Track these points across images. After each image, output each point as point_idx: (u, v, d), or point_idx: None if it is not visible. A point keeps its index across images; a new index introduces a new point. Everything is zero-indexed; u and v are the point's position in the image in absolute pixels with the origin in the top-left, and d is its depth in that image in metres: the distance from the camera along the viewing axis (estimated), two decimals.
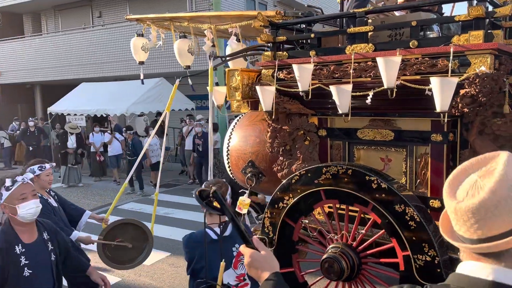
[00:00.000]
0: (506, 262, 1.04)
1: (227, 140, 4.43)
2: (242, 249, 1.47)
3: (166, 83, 13.82)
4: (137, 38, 4.72)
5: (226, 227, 2.74)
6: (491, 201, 1.01)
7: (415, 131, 3.19)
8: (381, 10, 3.34)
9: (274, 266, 1.41)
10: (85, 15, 17.81)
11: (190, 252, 2.67)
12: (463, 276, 1.09)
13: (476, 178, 1.07)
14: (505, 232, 1.02)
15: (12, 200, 2.60)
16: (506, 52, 2.78)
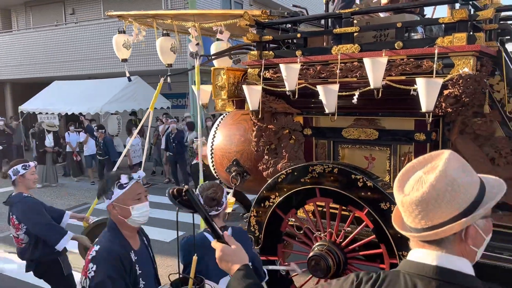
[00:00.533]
0: (447, 248, 1.17)
1: (211, 139, 4.42)
2: (213, 244, 1.55)
3: (141, 81, 13.65)
4: (119, 35, 4.65)
5: (225, 230, 2.72)
6: (431, 195, 1.14)
7: (399, 130, 3.26)
8: (367, 11, 3.40)
9: (244, 258, 1.52)
10: (57, 12, 17.39)
11: (187, 255, 2.63)
12: (411, 262, 1.21)
13: (421, 174, 1.19)
14: (444, 222, 1.14)
15: (126, 201, 2.22)
16: (487, 54, 2.88)
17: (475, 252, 1.20)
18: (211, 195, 2.68)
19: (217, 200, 2.70)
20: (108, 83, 13.62)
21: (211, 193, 2.69)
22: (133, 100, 13.16)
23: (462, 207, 1.14)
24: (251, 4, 17.81)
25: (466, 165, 1.21)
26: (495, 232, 3.04)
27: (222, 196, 2.72)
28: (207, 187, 2.75)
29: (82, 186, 11.68)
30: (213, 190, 2.69)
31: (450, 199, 1.14)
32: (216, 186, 2.75)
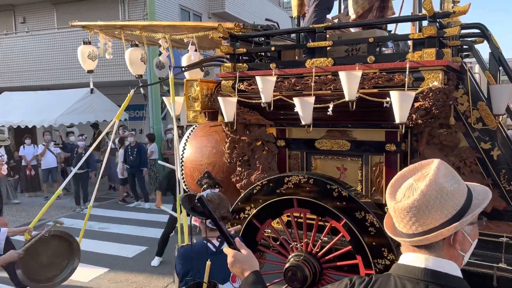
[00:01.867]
0: (436, 252, 1.23)
1: (180, 151, 4.36)
2: (225, 250, 1.61)
3: (97, 92, 13.29)
4: (84, 46, 4.52)
5: (223, 241, 2.62)
6: (422, 202, 1.20)
7: (370, 141, 3.37)
8: (339, 26, 3.52)
9: (254, 265, 1.58)
10: (7, 21, 16.65)
11: (185, 264, 2.57)
12: (402, 265, 1.28)
13: (412, 182, 1.25)
14: (434, 227, 1.20)
15: None
16: (453, 69, 3.05)
17: (462, 256, 1.26)
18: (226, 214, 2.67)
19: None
20: (62, 95, 13.16)
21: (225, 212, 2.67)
22: (90, 112, 12.78)
23: (451, 213, 1.20)
24: (209, 17, 17.90)
25: (455, 173, 1.27)
26: None
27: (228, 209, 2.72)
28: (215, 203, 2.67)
29: (35, 201, 11.16)
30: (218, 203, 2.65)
31: (440, 206, 1.20)
32: (221, 198, 2.72)
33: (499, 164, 3.12)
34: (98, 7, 15.04)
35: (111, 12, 14.78)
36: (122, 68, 12.74)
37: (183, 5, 16.36)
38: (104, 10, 14.93)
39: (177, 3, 15.98)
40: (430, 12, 2.79)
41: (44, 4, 15.87)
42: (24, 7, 16.28)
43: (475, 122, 3.18)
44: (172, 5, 15.64)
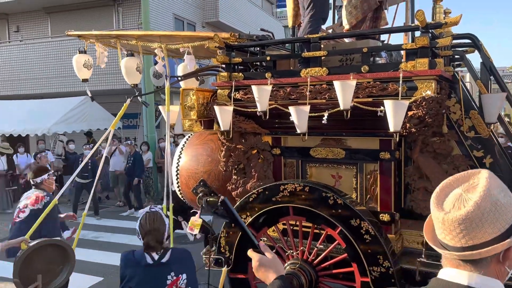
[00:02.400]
0: (483, 269, 1.17)
1: (176, 159, 4.38)
2: (250, 253, 1.58)
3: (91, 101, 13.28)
4: (79, 55, 4.54)
5: (164, 254, 2.68)
6: (476, 214, 1.14)
7: (365, 149, 3.41)
8: (333, 36, 3.57)
9: (280, 269, 1.54)
10: (0, 29, 16.64)
11: (123, 269, 2.63)
12: (443, 281, 1.22)
13: (461, 192, 1.19)
14: (486, 242, 1.14)
15: None
16: (446, 78, 3.10)
17: (507, 273, 1.20)
18: (152, 244, 2.64)
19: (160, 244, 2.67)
20: (56, 103, 13.14)
21: (152, 242, 2.63)
22: (83, 120, 12.75)
23: (504, 227, 1.14)
24: (203, 26, 18.00)
25: (504, 186, 1.21)
26: None
27: (164, 234, 2.68)
28: (145, 230, 2.66)
29: None
30: (153, 238, 2.63)
31: (493, 219, 1.14)
32: (156, 229, 2.66)
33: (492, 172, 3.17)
34: (92, 16, 15.09)
35: (105, 21, 14.83)
36: (116, 77, 12.76)
37: (177, 14, 16.45)
38: (98, 19, 14.98)
39: (171, 12, 16.07)
40: (422, 23, 2.84)
41: (38, 13, 15.89)
42: (18, 15, 16.29)
43: (468, 131, 3.24)
44: (166, 14, 15.73)
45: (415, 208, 3.36)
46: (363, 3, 3.76)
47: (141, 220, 2.70)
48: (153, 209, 2.76)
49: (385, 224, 3.29)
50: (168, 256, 2.68)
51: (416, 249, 3.40)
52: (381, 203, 3.36)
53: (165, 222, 2.70)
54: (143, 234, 2.65)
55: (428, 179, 3.31)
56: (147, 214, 2.72)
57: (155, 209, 2.77)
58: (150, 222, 2.66)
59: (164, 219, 2.71)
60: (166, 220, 2.74)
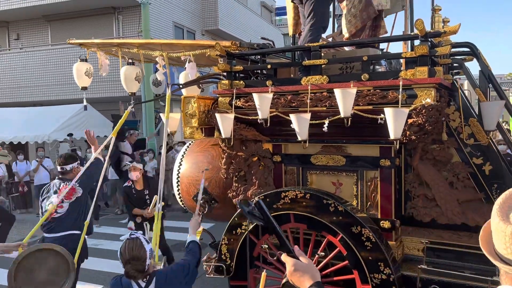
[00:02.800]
0: None
1: (177, 167, 4.40)
2: (284, 257, 1.55)
3: (91, 108, 13.30)
4: (80, 63, 4.58)
5: (150, 281, 2.68)
6: None
7: (365, 156, 3.43)
8: (334, 45, 3.61)
9: (316, 275, 1.50)
10: (1, 37, 16.70)
11: None
12: None
13: None
14: None
15: None
16: (445, 86, 3.13)
17: None
18: (132, 274, 2.62)
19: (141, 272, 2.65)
20: (55, 110, 13.17)
21: (131, 271, 2.62)
22: (83, 127, 12.75)
23: None
24: (203, 33, 18.09)
25: None
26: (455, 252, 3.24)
27: (145, 262, 2.64)
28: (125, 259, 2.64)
29: (26, 218, 11.05)
30: (133, 268, 2.61)
31: None
32: (136, 258, 2.63)
33: (491, 179, 3.20)
34: (92, 24, 15.16)
35: (105, 29, 14.90)
36: (115, 84, 12.80)
37: (177, 22, 16.54)
38: (98, 27, 15.05)
39: (171, 20, 16.16)
40: (422, 32, 2.88)
41: (38, 21, 15.97)
42: (18, 23, 16.36)
43: (467, 138, 3.26)
44: (166, 22, 15.81)
45: (415, 215, 3.38)
46: (363, 12, 3.80)
47: (121, 248, 2.68)
48: (133, 236, 2.73)
49: (385, 231, 3.30)
50: (153, 283, 2.67)
51: (417, 256, 3.41)
52: (382, 210, 3.37)
53: (145, 248, 2.65)
54: (124, 263, 2.64)
55: (428, 186, 3.33)
56: (127, 241, 2.68)
57: (135, 235, 2.73)
58: (129, 250, 2.62)
59: (144, 245, 2.65)
60: (147, 246, 2.68)
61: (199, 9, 17.98)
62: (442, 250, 3.36)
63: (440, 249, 3.37)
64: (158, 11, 15.06)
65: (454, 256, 3.33)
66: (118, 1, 14.36)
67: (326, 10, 4.00)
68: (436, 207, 3.31)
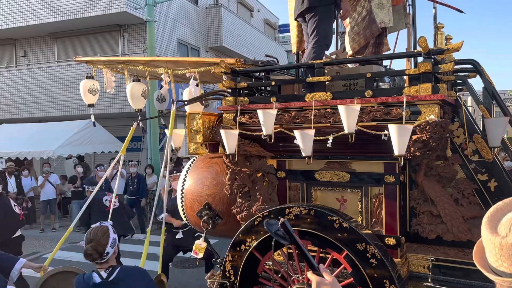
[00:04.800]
0: None
1: (181, 183, 4.40)
2: (309, 275, 1.58)
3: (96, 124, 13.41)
4: (86, 80, 4.63)
5: (112, 272, 2.78)
6: None
7: (370, 173, 3.43)
8: (337, 62, 3.64)
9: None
10: (8, 54, 16.94)
11: None
12: None
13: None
14: None
15: None
16: (448, 103, 3.15)
17: None
18: (89, 252, 2.74)
19: (99, 254, 2.75)
20: (61, 126, 13.28)
21: (89, 249, 2.74)
22: (88, 143, 12.86)
23: None
24: (207, 50, 18.28)
25: None
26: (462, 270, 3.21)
27: (105, 246, 2.77)
28: (88, 239, 2.78)
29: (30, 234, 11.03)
30: (92, 246, 2.73)
31: None
32: (97, 240, 2.76)
33: (497, 195, 3.18)
34: (98, 41, 15.38)
35: (111, 46, 15.10)
36: (121, 101, 12.92)
37: (182, 40, 16.73)
38: (104, 44, 15.26)
39: (176, 37, 16.36)
40: (425, 49, 2.91)
41: (44, 38, 16.21)
42: (25, 40, 16.62)
43: (472, 154, 3.26)
44: (171, 39, 16.01)
45: (420, 232, 3.36)
46: (366, 30, 3.85)
47: (87, 232, 2.86)
48: (103, 224, 2.93)
49: (391, 248, 3.28)
50: (115, 274, 2.77)
51: (423, 274, 3.38)
52: (387, 226, 3.35)
53: (109, 236, 2.82)
54: (86, 243, 2.79)
55: (433, 202, 3.31)
56: (94, 227, 2.88)
57: (104, 224, 2.93)
58: (94, 233, 2.81)
59: (109, 234, 2.83)
60: (112, 235, 2.84)
61: (203, 26, 18.21)
62: (448, 268, 3.33)
63: (446, 267, 3.33)
64: (163, 29, 15.27)
65: (460, 273, 3.29)
66: (123, 19, 14.58)
67: (329, 28, 4.04)
68: (441, 224, 3.29)
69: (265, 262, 3.52)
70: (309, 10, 3.98)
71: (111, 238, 2.82)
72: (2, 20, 15.39)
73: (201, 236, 4.22)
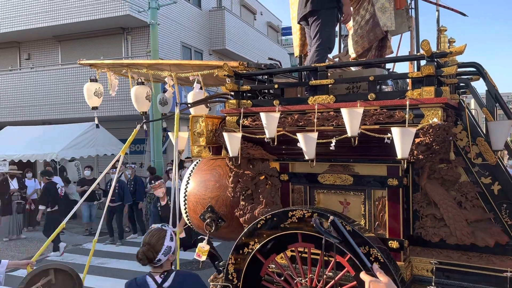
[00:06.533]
0: None
1: (184, 185, 4.41)
2: (362, 275, 1.57)
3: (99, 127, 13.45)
4: (90, 84, 4.65)
5: (167, 277, 2.69)
6: None
7: (373, 176, 3.42)
8: (340, 65, 3.64)
9: None
10: (12, 57, 17.02)
11: None
12: None
13: None
14: None
15: None
16: (451, 106, 3.15)
17: None
18: (140, 256, 2.67)
19: (148, 260, 2.67)
20: (63, 129, 13.33)
21: (141, 253, 2.67)
22: (91, 146, 12.89)
23: None
24: (210, 53, 18.31)
25: None
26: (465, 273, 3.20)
27: (157, 253, 2.68)
28: (145, 241, 2.71)
29: (34, 237, 11.07)
30: (143, 251, 2.66)
31: None
32: (151, 245, 2.68)
33: (500, 199, 3.17)
34: (102, 44, 15.44)
35: (114, 49, 15.16)
36: (124, 103, 12.96)
37: (185, 42, 16.78)
38: (108, 47, 15.31)
39: (179, 40, 16.40)
40: (428, 52, 2.91)
41: (48, 41, 16.29)
42: (29, 43, 16.70)
43: (475, 157, 3.25)
44: (174, 42, 16.05)
45: (424, 235, 3.35)
46: (369, 33, 3.85)
47: (147, 232, 2.79)
48: (164, 227, 2.81)
49: (394, 251, 3.27)
50: (171, 280, 2.68)
51: (426, 277, 3.37)
52: (390, 229, 3.35)
53: (163, 243, 2.69)
54: (142, 244, 2.71)
55: (436, 206, 3.31)
56: (153, 229, 2.78)
57: (165, 227, 2.81)
58: (150, 235, 2.72)
59: (164, 240, 2.70)
60: (167, 241, 2.71)
61: (206, 29, 18.26)
62: (451, 271, 3.32)
63: (449, 270, 3.32)
64: (167, 32, 15.31)
65: (464, 277, 3.28)
66: (127, 22, 14.63)
67: (332, 31, 4.05)
68: (444, 227, 3.28)
69: (268, 265, 3.52)
70: (312, 13, 3.99)
71: (165, 246, 2.69)
72: (6, 23, 15.48)
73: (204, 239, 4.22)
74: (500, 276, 3.09)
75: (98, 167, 15.39)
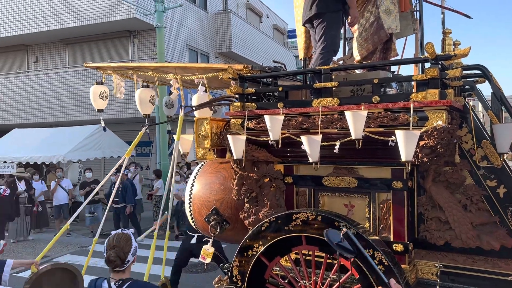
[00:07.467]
0: None
1: (189, 187, 4.42)
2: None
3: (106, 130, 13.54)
4: (96, 86, 4.69)
5: (123, 284, 2.73)
6: None
7: (377, 178, 3.42)
8: (345, 68, 3.65)
9: None
10: (20, 60, 17.18)
11: None
12: None
13: None
14: None
15: None
16: (456, 108, 3.13)
17: None
18: (112, 258, 2.70)
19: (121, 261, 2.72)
20: (70, 131, 13.42)
21: (112, 255, 2.70)
22: (98, 148, 12.96)
23: None
24: (216, 56, 18.38)
25: None
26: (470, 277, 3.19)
27: (127, 254, 2.74)
28: (110, 245, 2.75)
29: (42, 238, 11.13)
30: (115, 252, 2.70)
31: None
32: (120, 246, 2.73)
33: (506, 202, 3.16)
34: (109, 47, 15.54)
35: (121, 52, 15.25)
36: (130, 106, 13.02)
37: (191, 45, 16.84)
38: (114, 49, 15.41)
39: (185, 43, 16.47)
40: (432, 55, 2.90)
41: (56, 44, 16.42)
42: (37, 47, 16.85)
43: (480, 160, 3.24)
44: (181, 45, 16.12)
45: (428, 238, 3.34)
46: (374, 36, 3.85)
47: (109, 237, 2.83)
48: (124, 231, 2.90)
49: (398, 254, 3.26)
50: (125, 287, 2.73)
51: (431, 280, 3.36)
52: (394, 232, 3.34)
53: (131, 244, 2.79)
54: (108, 249, 2.76)
55: (441, 209, 3.29)
56: (116, 234, 2.84)
57: (126, 231, 2.90)
58: (117, 239, 2.78)
59: (131, 241, 2.80)
60: (134, 243, 2.82)
61: (212, 32, 18.32)
62: (456, 274, 3.30)
63: (454, 273, 3.31)
64: (173, 35, 15.39)
65: (469, 280, 3.26)
66: (133, 25, 14.72)
67: (337, 34, 4.05)
68: (449, 230, 3.26)
69: (272, 267, 3.52)
70: (317, 16, 4.00)
71: (133, 246, 2.81)
72: (14, 27, 15.63)
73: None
74: (505, 280, 3.07)
75: (104, 169, 15.47)
